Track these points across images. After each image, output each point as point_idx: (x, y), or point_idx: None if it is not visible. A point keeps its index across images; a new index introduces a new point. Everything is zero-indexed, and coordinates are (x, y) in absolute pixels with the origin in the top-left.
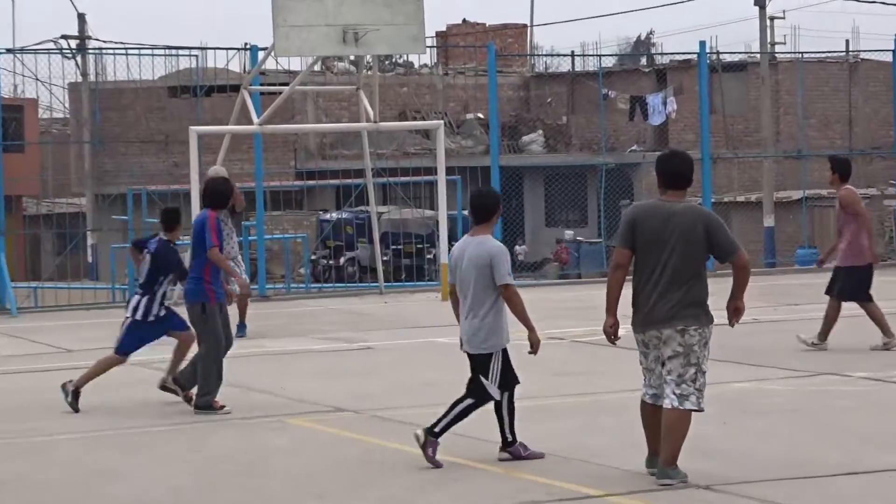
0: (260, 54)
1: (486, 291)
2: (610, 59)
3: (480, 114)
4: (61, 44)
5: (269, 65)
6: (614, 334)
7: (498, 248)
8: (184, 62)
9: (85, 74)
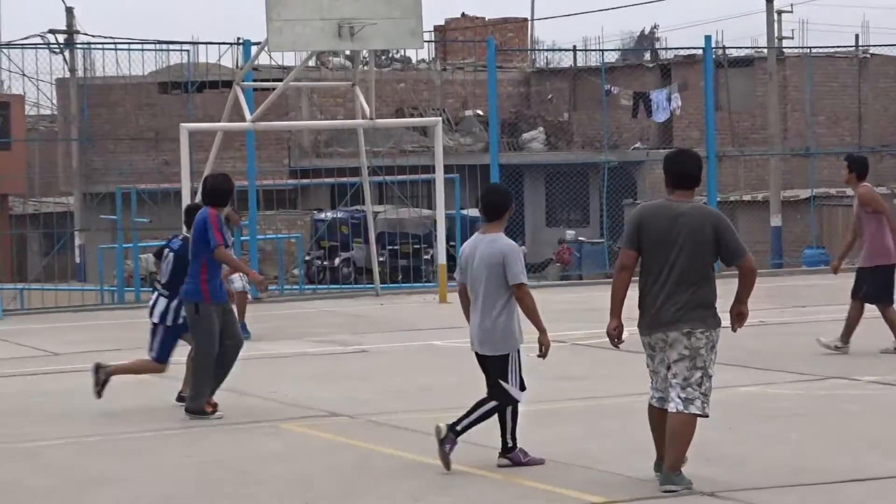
0: (253, 49)
1: (498, 291)
2: (613, 54)
3: (480, 110)
4: (49, 38)
5: (263, 60)
6: (618, 337)
7: (510, 246)
8: (175, 57)
9: (73, 70)
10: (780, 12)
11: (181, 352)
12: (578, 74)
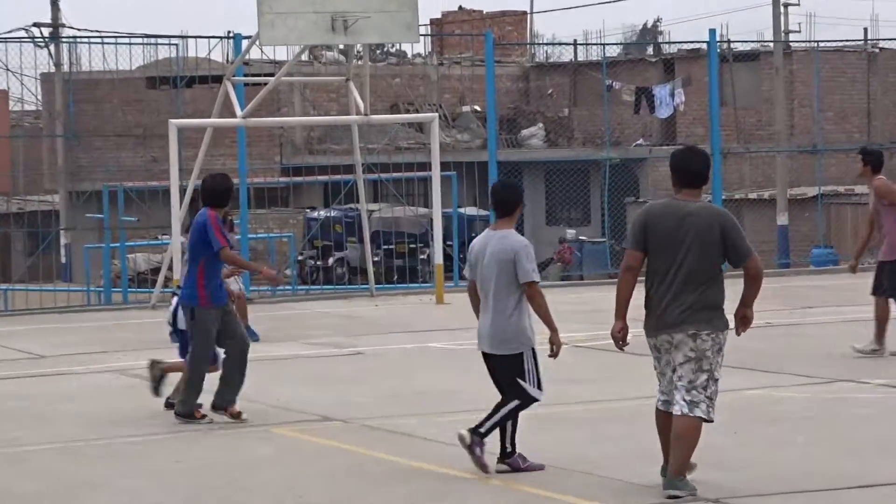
0: (244, 43)
1: (509, 288)
2: (614, 48)
3: (477, 106)
4: (33, 32)
5: (254, 54)
6: (623, 339)
7: (522, 242)
8: (163, 51)
9: (58, 64)
10: (786, 5)
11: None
12: (579, 69)
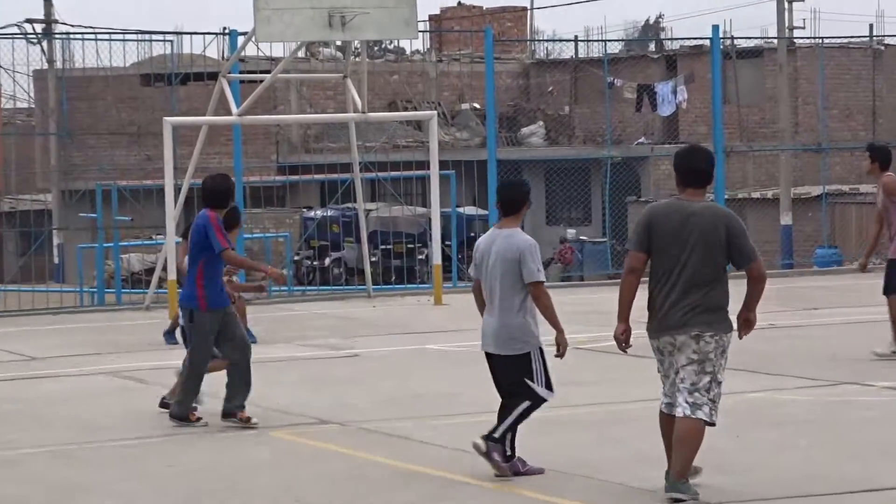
0: (239, 40)
1: (514, 288)
2: (616, 44)
3: (476, 104)
4: (26, 28)
5: (250, 51)
6: (625, 342)
7: (528, 242)
8: (158, 48)
9: (51, 61)
10: (790, 1)
11: (180, 354)
12: (580, 66)
